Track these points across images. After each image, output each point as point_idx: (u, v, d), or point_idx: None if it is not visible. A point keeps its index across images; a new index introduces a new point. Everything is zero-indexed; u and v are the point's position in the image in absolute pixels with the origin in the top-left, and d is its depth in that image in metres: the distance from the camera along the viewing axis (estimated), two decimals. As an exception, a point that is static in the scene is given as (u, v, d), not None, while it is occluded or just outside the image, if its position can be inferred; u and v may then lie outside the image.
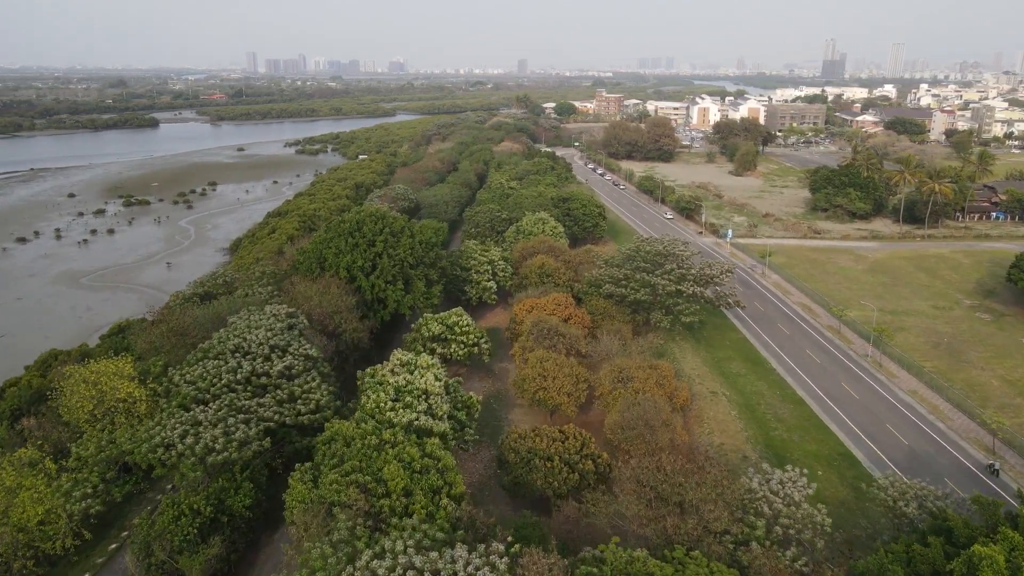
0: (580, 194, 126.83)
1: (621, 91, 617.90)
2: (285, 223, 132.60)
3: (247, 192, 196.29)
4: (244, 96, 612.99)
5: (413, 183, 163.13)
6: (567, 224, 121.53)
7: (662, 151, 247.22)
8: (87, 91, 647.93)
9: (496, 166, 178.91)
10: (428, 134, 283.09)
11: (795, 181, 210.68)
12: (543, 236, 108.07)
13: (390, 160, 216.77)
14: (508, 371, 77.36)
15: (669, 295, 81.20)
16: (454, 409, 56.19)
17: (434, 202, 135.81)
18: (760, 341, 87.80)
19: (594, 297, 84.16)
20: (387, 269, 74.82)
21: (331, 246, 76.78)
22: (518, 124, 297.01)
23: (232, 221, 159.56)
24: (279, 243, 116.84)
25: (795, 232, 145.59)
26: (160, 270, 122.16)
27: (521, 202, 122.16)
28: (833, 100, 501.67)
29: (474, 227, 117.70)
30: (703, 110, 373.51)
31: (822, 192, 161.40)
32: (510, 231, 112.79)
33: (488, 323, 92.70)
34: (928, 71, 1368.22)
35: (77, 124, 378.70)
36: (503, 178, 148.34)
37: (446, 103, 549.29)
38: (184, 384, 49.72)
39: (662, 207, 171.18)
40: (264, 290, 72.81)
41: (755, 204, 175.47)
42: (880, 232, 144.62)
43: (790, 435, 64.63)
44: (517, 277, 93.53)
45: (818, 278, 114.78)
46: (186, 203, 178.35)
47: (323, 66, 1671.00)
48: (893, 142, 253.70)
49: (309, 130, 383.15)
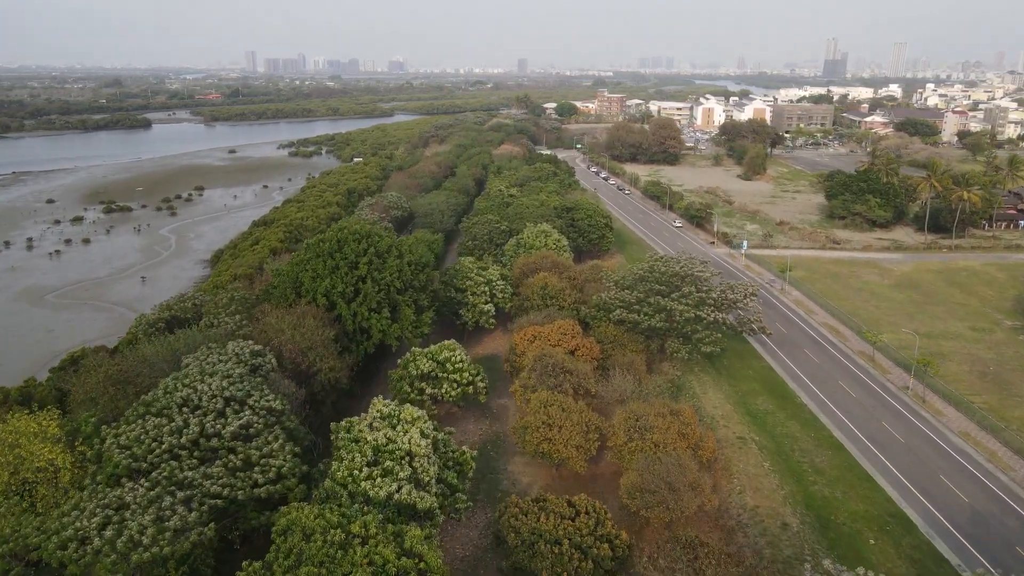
0: (585, 203, 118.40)
1: (622, 91, 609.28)
2: (269, 234, 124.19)
3: (235, 197, 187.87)
4: (241, 96, 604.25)
5: (407, 189, 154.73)
6: (571, 236, 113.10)
7: (667, 154, 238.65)
8: (82, 91, 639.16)
9: (495, 171, 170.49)
10: (426, 136, 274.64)
11: (807, 185, 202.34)
12: (545, 251, 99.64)
13: (385, 164, 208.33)
14: (508, 409, 68.92)
15: (687, 321, 72.73)
16: (444, 469, 47.79)
17: (429, 211, 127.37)
18: (786, 370, 79.36)
19: (603, 323, 75.72)
20: (371, 295, 66.35)
21: (308, 269, 68.31)
22: (518, 125, 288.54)
23: (216, 230, 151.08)
24: (261, 257, 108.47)
25: (813, 242, 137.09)
26: (134, 285, 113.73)
27: (522, 212, 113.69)
28: (838, 100, 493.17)
29: (471, 239, 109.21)
30: (708, 111, 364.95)
31: (839, 199, 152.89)
32: (510, 244, 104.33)
33: (486, 349, 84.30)
34: (930, 71, 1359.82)
35: (67, 125, 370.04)
36: (502, 185, 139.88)
37: (445, 103, 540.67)
38: (117, 450, 41.25)
39: (670, 214, 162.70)
40: (231, 320, 64.34)
41: (767, 211, 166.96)
42: (903, 242, 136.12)
43: (832, 491, 56.16)
44: (518, 298, 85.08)
45: (842, 295, 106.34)
46: (170, 209, 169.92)
47: (323, 65, 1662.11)
48: (906, 144, 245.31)
49: (305, 131, 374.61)
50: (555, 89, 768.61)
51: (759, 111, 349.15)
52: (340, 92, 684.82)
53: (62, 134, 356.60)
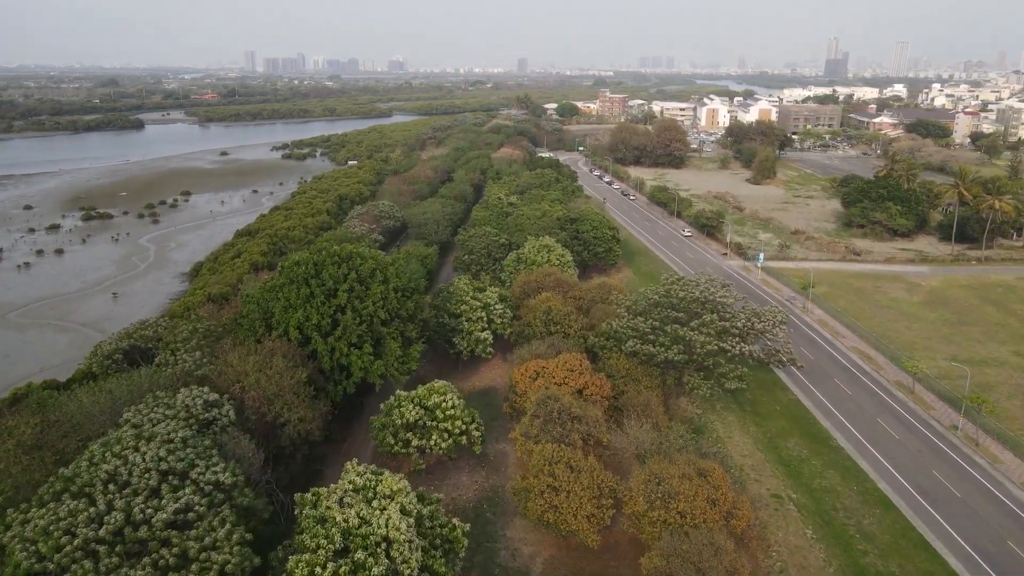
0: (590, 213, 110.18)
1: (623, 91, 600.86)
2: (253, 245, 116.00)
3: (222, 203, 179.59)
4: (237, 96, 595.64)
5: (402, 196, 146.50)
6: (576, 249, 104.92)
7: (672, 156, 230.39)
8: (77, 91, 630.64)
9: (494, 175, 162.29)
10: (423, 138, 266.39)
11: (819, 190, 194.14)
12: (548, 267, 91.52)
13: (380, 167, 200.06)
14: (507, 455, 60.76)
15: (708, 354, 64.52)
16: (430, 552, 39.64)
17: (423, 220, 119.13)
18: (817, 405, 71.21)
19: (614, 354, 67.52)
20: (351, 328, 58.15)
21: (280, 297, 60.10)
22: (518, 127, 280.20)
23: (199, 239, 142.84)
24: (240, 272, 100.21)
25: (831, 253, 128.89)
26: (104, 302, 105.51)
27: (522, 224, 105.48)
28: (844, 100, 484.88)
29: (467, 254, 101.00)
30: (712, 111, 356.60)
31: (857, 206, 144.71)
32: (509, 259, 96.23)
33: (482, 380, 76.13)
34: (932, 70, 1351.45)
35: (57, 126, 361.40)
36: (502, 192, 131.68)
37: (444, 103, 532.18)
38: (18, 546, 33.07)
39: (678, 222, 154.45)
40: (190, 357, 56.16)
41: (780, 218, 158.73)
42: (928, 253, 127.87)
43: (886, 564, 48.01)
44: (518, 323, 76.89)
45: (869, 313, 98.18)
46: (152, 216, 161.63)
47: (322, 65, 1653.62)
48: (920, 146, 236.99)
49: (301, 132, 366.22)
50: (555, 89, 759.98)
51: (764, 112, 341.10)
52: (338, 92, 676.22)
53: (52, 135, 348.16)
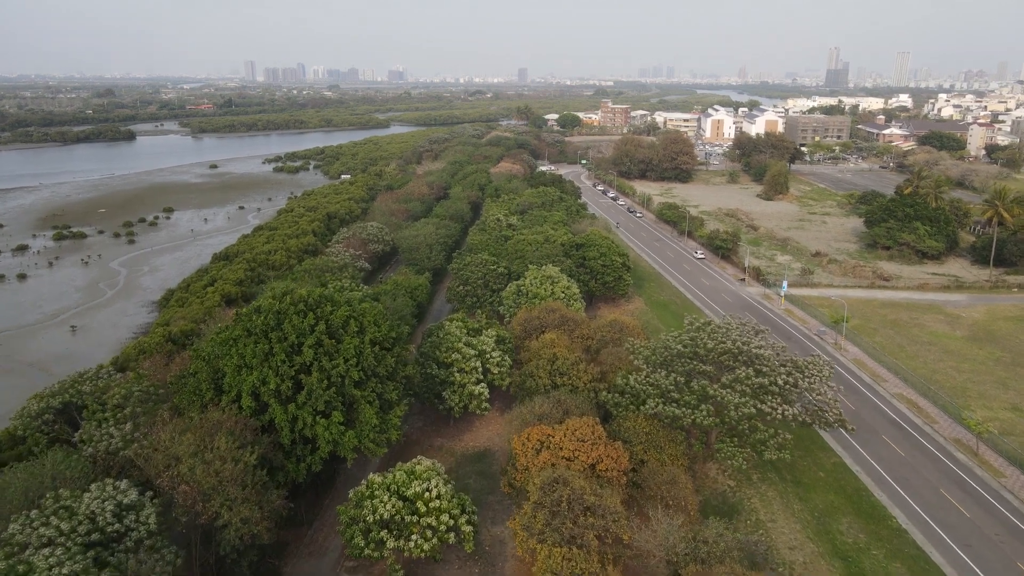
0: (597, 238, 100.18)
1: (624, 100, 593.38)
2: (229, 272, 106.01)
3: (205, 221, 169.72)
4: (234, 106, 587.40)
5: (394, 215, 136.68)
6: (582, 277, 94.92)
7: (679, 170, 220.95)
8: (72, 101, 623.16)
9: (493, 193, 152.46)
10: (419, 150, 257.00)
11: (835, 207, 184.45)
12: (552, 301, 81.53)
13: (373, 182, 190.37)
14: (505, 545, 50.53)
15: (744, 418, 54.37)
16: None
17: (415, 244, 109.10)
18: (867, 470, 61.00)
19: (631, 414, 57.38)
20: (318, 394, 48.04)
21: (233, 353, 50.00)
22: (518, 139, 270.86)
23: (176, 261, 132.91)
24: (210, 305, 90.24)
25: (858, 279, 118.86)
26: (60, 336, 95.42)
27: (523, 250, 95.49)
28: (849, 111, 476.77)
29: (461, 284, 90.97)
30: (717, 122, 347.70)
31: (882, 226, 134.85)
32: (509, 291, 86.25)
33: (477, 440, 65.91)
34: (933, 80, 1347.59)
35: (45, 137, 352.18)
36: (500, 212, 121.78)
37: (443, 114, 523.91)
38: None
39: (689, 242, 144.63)
40: (117, 432, 46.00)
41: (798, 238, 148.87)
42: (963, 279, 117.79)
43: None
44: (518, 371, 66.73)
45: (910, 351, 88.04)
46: (129, 236, 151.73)
47: (322, 75, 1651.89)
48: (936, 160, 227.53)
49: (297, 143, 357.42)
50: (556, 99, 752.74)
51: (771, 123, 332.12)
52: (336, 102, 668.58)
53: (40, 147, 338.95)
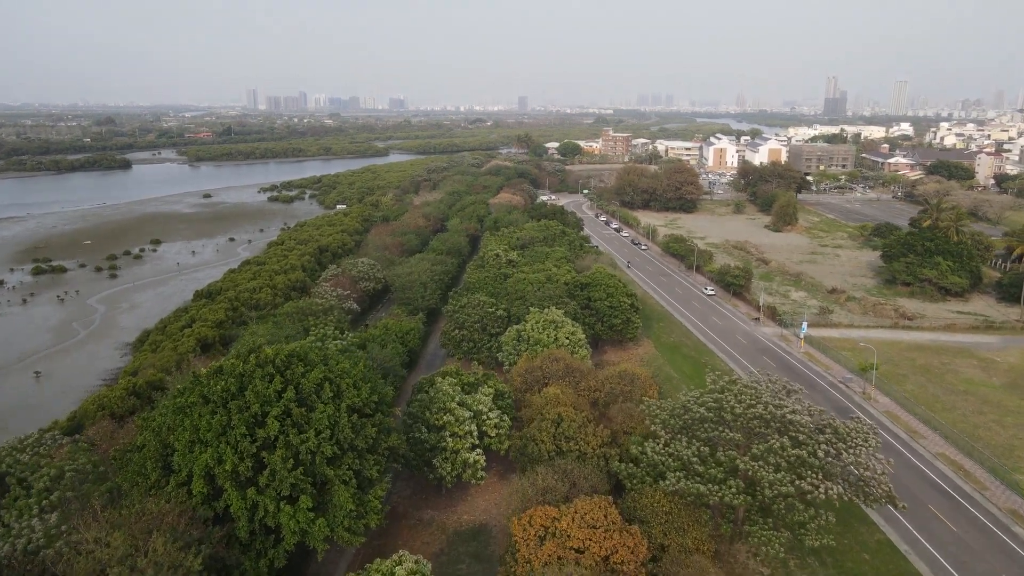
0: (603, 276, 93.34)
1: (624, 128, 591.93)
2: (209, 312, 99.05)
3: (193, 254, 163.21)
4: (233, 134, 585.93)
5: (388, 249, 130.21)
6: (587, 320, 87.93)
7: (683, 200, 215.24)
8: (71, 129, 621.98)
9: (492, 225, 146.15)
10: (417, 180, 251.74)
11: (847, 239, 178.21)
12: (556, 349, 74.46)
13: (368, 213, 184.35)
14: (503, 654, 42.71)
15: (779, 497, 46.88)
16: None
17: (408, 283, 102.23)
18: (919, 552, 53.36)
19: (648, 489, 49.96)
20: (283, 476, 40.72)
21: (186, 425, 42.77)
22: (518, 168, 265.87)
23: (158, 298, 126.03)
24: (185, 349, 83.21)
25: (880, 318, 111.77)
26: (22, 384, 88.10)
27: (523, 290, 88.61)
28: (852, 139, 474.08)
29: (457, 327, 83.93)
30: (719, 151, 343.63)
31: (901, 261, 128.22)
32: (509, 336, 79.22)
33: (472, 514, 58.26)
34: (931, 109, 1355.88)
35: (40, 166, 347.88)
36: (500, 247, 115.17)
37: (443, 142, 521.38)
38: None
39: (698, 277, 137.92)
40: (41, 525, 38.51)
41: (811, 272, 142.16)
42: (992, 319, 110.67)
43: None
44: (519, 434, 59.38)
45: (945, 401, 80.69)
46: (111, 270, 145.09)
47: (324, 103, 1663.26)
48: (947, 190, 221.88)
49: (295, 172, 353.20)
50: (556, 127, 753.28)
51: (774, 152, 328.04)
52: (336, 130, 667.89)
53: (33, 176, 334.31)
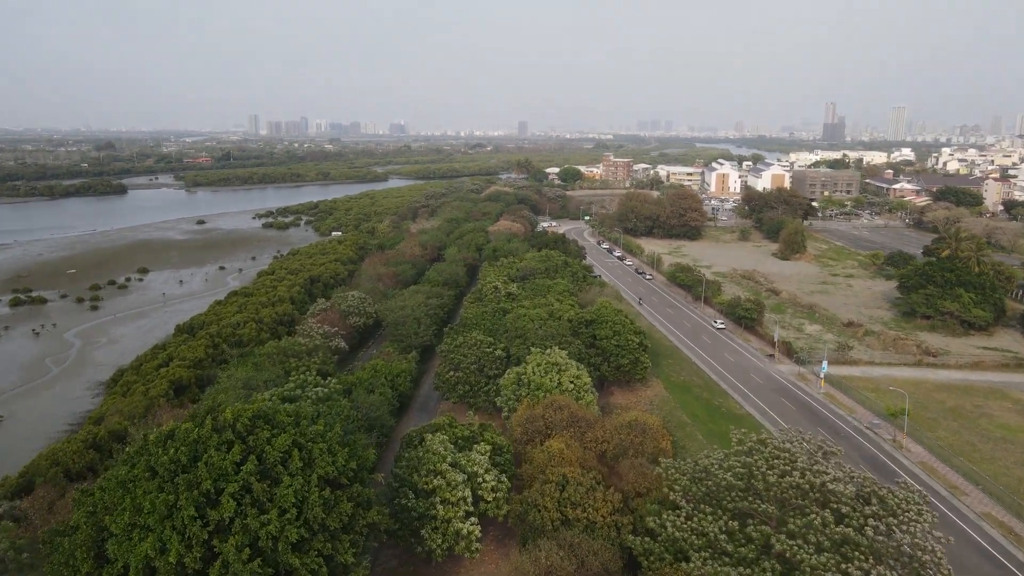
0: (609, 313, 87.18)
1: (624, 154, 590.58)
2: (187, 349, 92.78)
3: (181, 283, 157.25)
4: (232, 159, 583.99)
5: (382, 280, 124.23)
6: (592, 360, 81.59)
7: (687, 227, 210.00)
8: (69, 154, 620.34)
9: (491, 254, 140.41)
10: (415, 206, 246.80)
11: (857, 267, 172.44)
12: (559, 395, 68.07)
13: (364, 241, 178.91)
14: None
15: (824, 582, 40.14)
16: None
17: (401, 318, 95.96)
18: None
19: (668, 568, 43.25)
20: (237, 568, 34.07)
21: (127, 504, 36.23)
22: (518, 194, 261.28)
23: (138, 332, 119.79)
24: (158, 391, 76.80)
25: (901, 354, 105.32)
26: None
27: (524, 328, 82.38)
28: (854, 164, 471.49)
29: (452, 369, 77.55)
30: (722, 176, 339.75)
31: (920, 292, 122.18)
32: (508, 379, 72.82)
33: (466, 592, 51.41)
34: (929, 134, 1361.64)
35: (33, 191, 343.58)
36: (499, 279, 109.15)
37: (443, 167, 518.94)
38: None
39: (707, 308, 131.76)
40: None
41: (824, 303, 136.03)
42: (1021, 355, 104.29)
43: None
44: (519, 498, 52.74)
45: (983, 451, 74.00)
46: (94, 300, 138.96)
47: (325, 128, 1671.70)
48: (957, 217, 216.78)
49: (293, 197, 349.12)
50: (556, 152, 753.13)
51: (777, 177, 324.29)
52: (335, 155, 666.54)
53: (26, 202, 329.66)
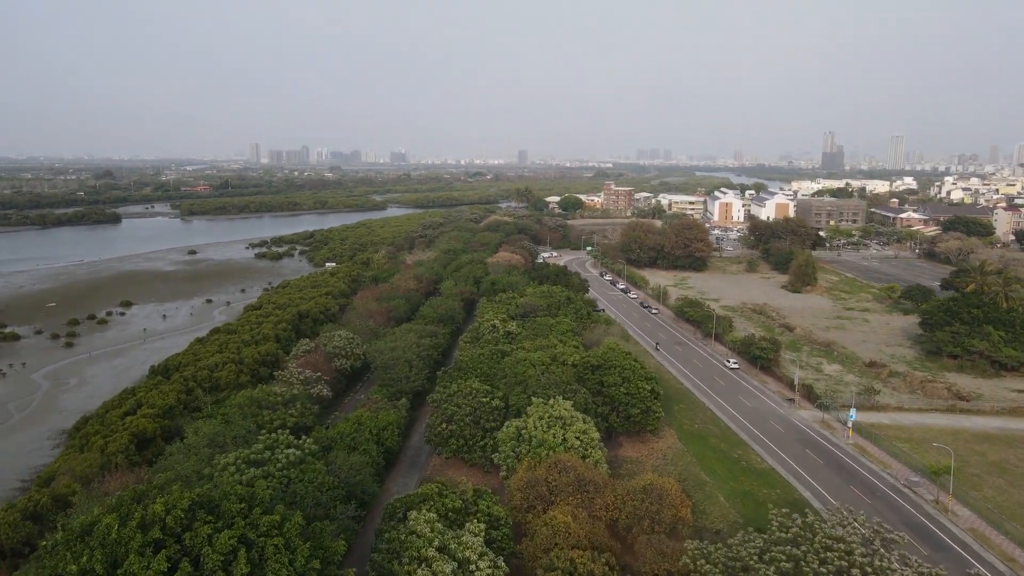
0: (617, 356, 79.76)
1: (625, 182, 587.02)
2: (158, 395, 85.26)
3: (164, 317, 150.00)
4: (230, 187, 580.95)
5: (373, 317, 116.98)
6: (600, 409, 73.97)
7: (693, 258, 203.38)
8: (68, 183, 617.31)
9: (489, 288, 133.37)
10: (412, 236, 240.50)
11: (872, 300, 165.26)
12: (564, 453, 60.46)
13: (357, 273, 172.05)
14: None
15: None
16: None
17: (391, 360, 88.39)
18: None
19: None
20: None
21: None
22: (519, 224, 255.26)
23: (113, 372, 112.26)
24: (117, 447, 69.08)
25: (931, 398, 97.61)
26: (-76, 487, 73.37)
27: (524, 374, 74.94)
28: (857, 193, 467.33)
29: (444, 421, 69.89)
30: (725, 205, 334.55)
31: (946, 330, 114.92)
32: (506, 433, 65.21)
33: None
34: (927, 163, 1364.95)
35: (25, 220, 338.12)
36: (497, 316, 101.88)
37: (442, 195, 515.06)
38: None
39: (717, 346, 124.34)
40: None
41: (841, 340, 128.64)
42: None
43: None
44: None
45: (1036, 512, 66.05)
46: (69, 337, 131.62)
47: (326, 157, 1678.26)
48: (971, 248, 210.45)
49: (288, 226, 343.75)
50: (556, 180, 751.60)
51: (782, 206, 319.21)
52: (335, 183, 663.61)
53: (18, 231, 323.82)
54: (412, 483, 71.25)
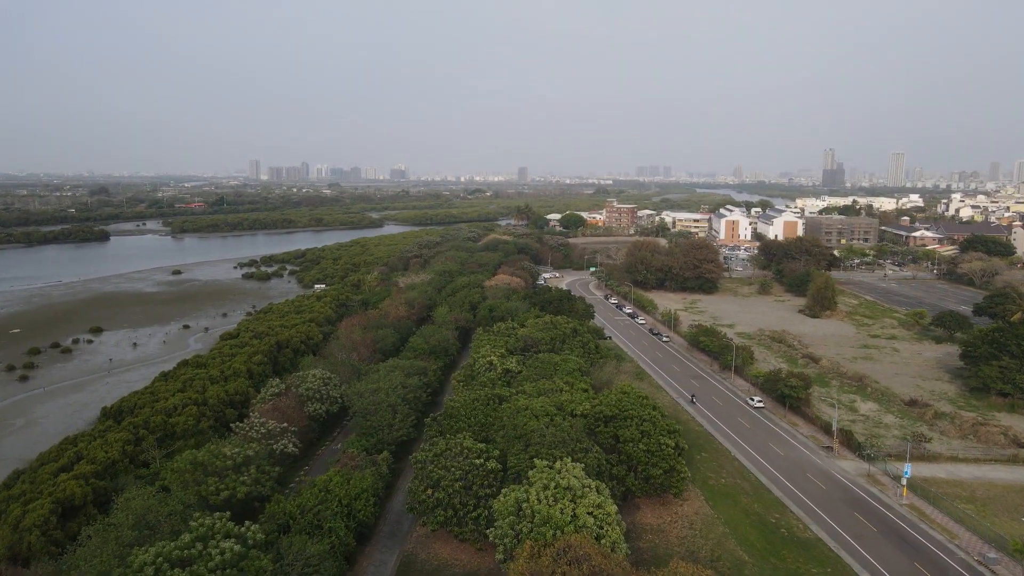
0: (633, 404, 68.22)
1: (625, 199, 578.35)
2: (100, 446, 73.84)
3: (135, 346, 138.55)
4: (226, 204, 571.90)
5: (358, 349, 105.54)
6: (614, 469, 62.36)
7: (703, 279, 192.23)
8: (61, 199, 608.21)
9: (486, 315, 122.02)
10: (406, 256, 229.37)
11: (898, 327, 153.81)
12: (574, 535, 48.91)
13: (346, 296, 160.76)
14: None
15: None
16: None
17: (372, 405, 76.72)
18: None
19: None
20: None
21: None
22: (518, 243, 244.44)
23: (66, 410, 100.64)
24: (38, 517, 57.45)
25: (987, 444, 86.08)
26: None
27: (525, 426, 63.44)
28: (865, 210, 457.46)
29: (428, 486, 58.25)
30: (732, 223, 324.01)
31: (992, 365, 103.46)
32: (504, 505, 53.66)
33: None
34: (928, 180, 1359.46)
35: (8, 238, 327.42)
36: (494, 352, 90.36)
37: (440, 212, 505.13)
38: None
39: (737, 380, 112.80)
40: None
41: (872, 373, 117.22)
42: None
43: None
44: None
45: None
46: (26, 369, 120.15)
47: (326, 173, 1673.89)
48: (995, 268, 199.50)
49: (282, 244, 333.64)
50: (556, 198, 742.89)
51: (790, 224, 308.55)
52: (332, 200, 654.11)
53: (2, 249, 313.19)
54: (391, 561, 59.56)
